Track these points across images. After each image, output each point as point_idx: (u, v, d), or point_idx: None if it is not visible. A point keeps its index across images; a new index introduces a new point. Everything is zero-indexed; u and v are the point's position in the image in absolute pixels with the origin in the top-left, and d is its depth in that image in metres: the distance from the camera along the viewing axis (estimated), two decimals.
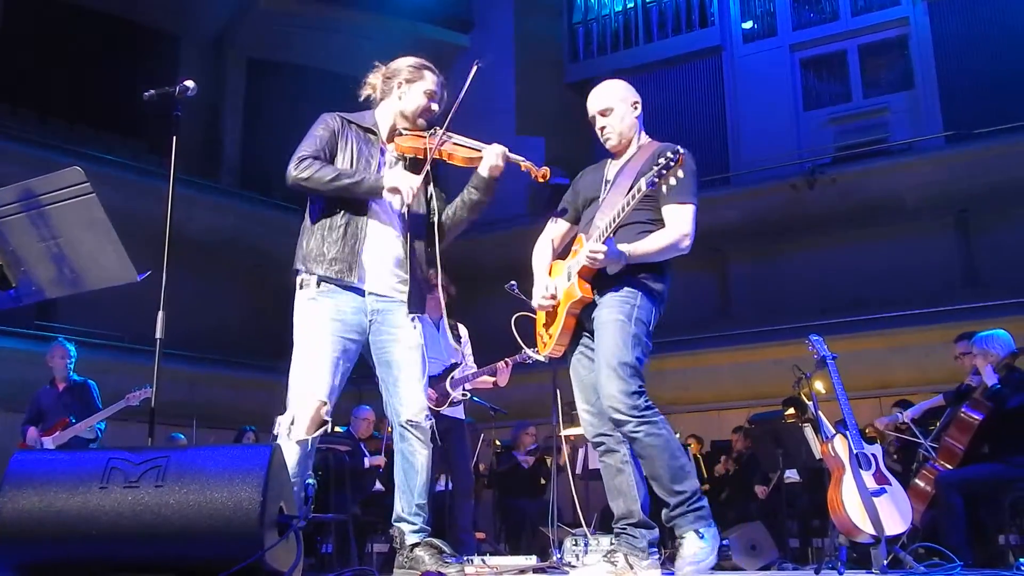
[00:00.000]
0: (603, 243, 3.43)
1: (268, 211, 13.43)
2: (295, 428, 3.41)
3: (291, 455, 3.36)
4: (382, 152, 3.70)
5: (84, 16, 13.11)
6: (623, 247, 3.46)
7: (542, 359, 3.81)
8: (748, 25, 14.24)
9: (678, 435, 5.63)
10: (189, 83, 3.85)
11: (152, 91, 3.87)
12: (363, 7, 14.19)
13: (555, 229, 3.97)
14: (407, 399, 3.55)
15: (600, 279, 3.56)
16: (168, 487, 2.49)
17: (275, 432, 3.45)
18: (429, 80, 3.72)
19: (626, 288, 3.54)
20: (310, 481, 3.21)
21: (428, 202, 3.75)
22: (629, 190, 3.52)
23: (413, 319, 3.63)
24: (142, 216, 6.80)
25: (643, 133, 3.84)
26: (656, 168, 3.32)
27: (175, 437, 9.42)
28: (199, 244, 11.84)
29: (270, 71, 14.66)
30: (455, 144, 3.65)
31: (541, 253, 3.91)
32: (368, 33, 13.99)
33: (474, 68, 3.57)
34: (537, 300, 3.75)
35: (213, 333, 12.38)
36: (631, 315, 3.51)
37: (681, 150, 3.33)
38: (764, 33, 14.04)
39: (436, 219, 3.71)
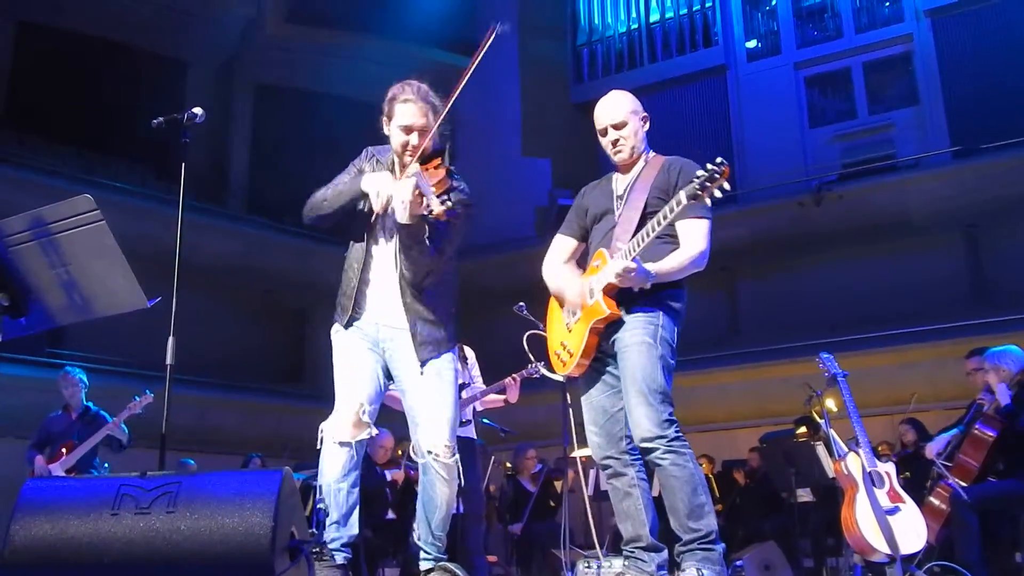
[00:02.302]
0: (631, 261, 3.38)
1: (276, 236, 13.46)
2: (337, 430, 3.44)
3: (337, 459, 3.42)
4: None
5: (91, 44, 13.22)
6: (649, 266, 3.42)
7: (560, 379, 3.75)
8: (752, 44, 14.30)
9: None
10: (197, 110, 3.87)
11: (161, 119, 3.89)
12: (369, 32, 14.27)
13: (563, 247, 3.90)
14: (426, 431, 3.50)
15: (622, 296, 3.50)
16: (179, 513, 2.48)
17: (320, 438, 3.48)
18: (400, 114, 3.47)
19: (648, 308, 3.51)
20: (321, 506, 3.20)
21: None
22: (646, 205, 3.51)
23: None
24: (149, 242, 6.83)
25: (648, 148, 3.82)
26: (698, 179, 3.23)
27: (185, 463, 9.42)
28: (207, 270, 11.86)
29: (277, 96, 14.75)
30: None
31: (554, 269, 3.84)
32: (374, 57, 14.06)
33: (492, 33, 3.47)
34: (579, 301, 3.63)
35: (221, 358, 12.39)
36: (656, 336, 3.47)
37: (725, 162, 3.24)
38: (768, 52, 14.09)
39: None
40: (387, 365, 3.59)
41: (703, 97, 14.16)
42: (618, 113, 3.76)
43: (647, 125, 3.81)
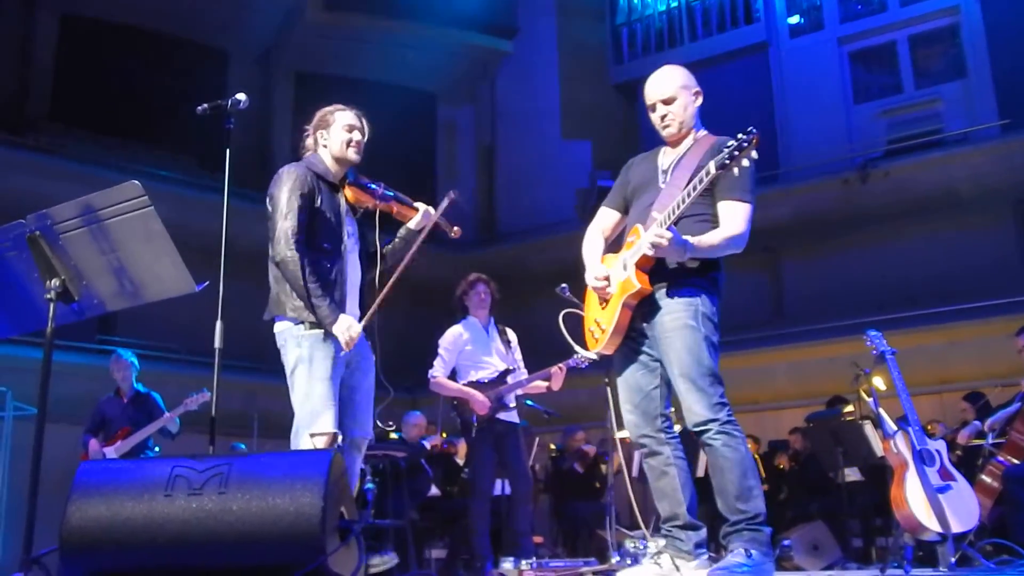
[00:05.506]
0: (667, 229, 3.31)
1: None
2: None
3: None
4: (343, 200, 4.03)
5: (134, 35, 13.38)
6: (687, 238, 3.36)
7: (593, 356, 3.76)
8: (794, 20, 14.08)
9: None
10: (240, 96, 3.90)
11: (205, 105, 3.92)
12: (408, 17, 14.27)
13: (605, 219, 3.85)
14: (360, 419, 3.91)
15: (657, 272, 3.46)
16: (231, 494, 2.52)
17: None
18: (342, 117, 4.02)
19: (685, 287, 3.46)
20: (369, 486, 3.25)
21: (374, 243, 4.10)
22: (689, 181, 3.41)
23: (373, 345, 3.97)
24: (194, 230, 6.88)
25: (700, 125, 3.72)
26: (727, 149, 3.20)
27: (236, 447, 9.53)
28: (250, 255, 11.94)
29: (318, 83, 14.79)
30: (400, 203, 4.07)
31: (592, 243, 3.80)
32: (414, 43, 14.07)
33: (447, 200, 4.04)
34: (590, 283, 3.64)
35: (267, 343, 12.48)
36: (697, 316, 3.43)
37: (755, 130, 3.20)
38: (811, 27, 13.86)
39: (378, 265, 4.10)
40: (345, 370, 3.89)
41: (745, 75, 13.95)
42: (667, 88, 3.65)
43: (699, 100, 3.69)
